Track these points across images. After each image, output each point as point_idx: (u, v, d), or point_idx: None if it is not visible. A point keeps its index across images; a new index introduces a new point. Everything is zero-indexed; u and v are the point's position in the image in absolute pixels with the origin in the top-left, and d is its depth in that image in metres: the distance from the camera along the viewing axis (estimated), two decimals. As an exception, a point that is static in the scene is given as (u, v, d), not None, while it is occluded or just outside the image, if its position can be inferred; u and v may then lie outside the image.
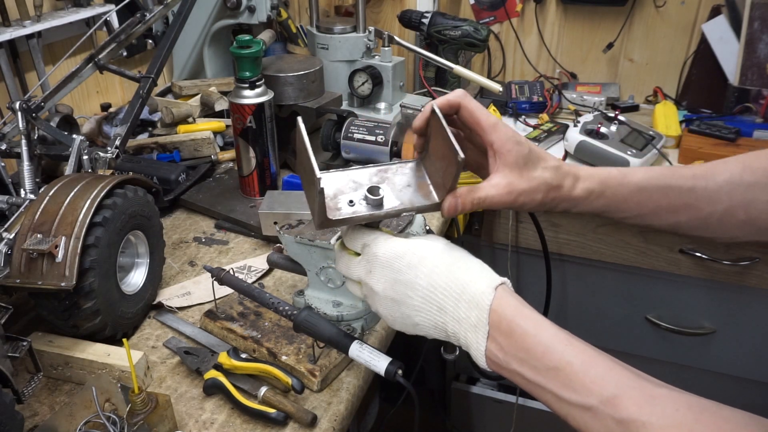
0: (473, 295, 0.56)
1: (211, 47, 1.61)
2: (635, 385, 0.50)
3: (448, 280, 0.57)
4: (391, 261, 0.60)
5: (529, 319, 0.55)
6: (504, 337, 0.55)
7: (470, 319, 0.56)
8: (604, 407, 0.49)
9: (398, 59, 1.43)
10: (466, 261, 0.60)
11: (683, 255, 1.37)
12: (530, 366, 0.53)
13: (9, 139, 0.99)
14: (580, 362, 0.52)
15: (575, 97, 1.68)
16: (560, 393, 0.52)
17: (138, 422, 0.65)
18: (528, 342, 0.54)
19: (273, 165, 1.16)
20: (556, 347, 0.53)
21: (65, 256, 0.73)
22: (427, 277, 0.58)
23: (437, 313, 0.58)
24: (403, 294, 0.59)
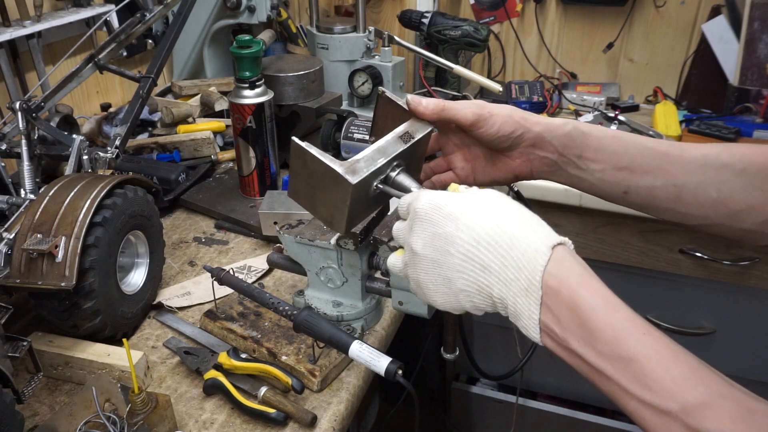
0: (524, 252, 0.48)
1: (211, 47, 1.61)
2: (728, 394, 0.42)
3: (494, 234, 0.49)
4: (429, 213, 0.53)
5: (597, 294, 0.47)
6: (564, 308, 0.47)
7: (520, 282, 0.48)
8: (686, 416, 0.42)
9: (398, 59, 1.43)
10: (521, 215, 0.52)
11: (683, 255, 1.37)
12: (595, 350, 0.45)
13: (9, 139, 0.99)
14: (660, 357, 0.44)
15: (575, 97, 1.68)
16: (631, 388, 0.44)
17: (138, 422, 0.65)
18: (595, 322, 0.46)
19: (273, 165, 1.16)
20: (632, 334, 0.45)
21: (65, 256, 0.73)
22: (469, 229, 0.50)
23: (481, 273, 0.50)
24: (444, 250, 0.52)
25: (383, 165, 0.62)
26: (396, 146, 0.64)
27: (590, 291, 0.47)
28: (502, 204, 0.53)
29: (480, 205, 0.52)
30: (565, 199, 1.37)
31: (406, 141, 0.64)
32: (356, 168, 0.60)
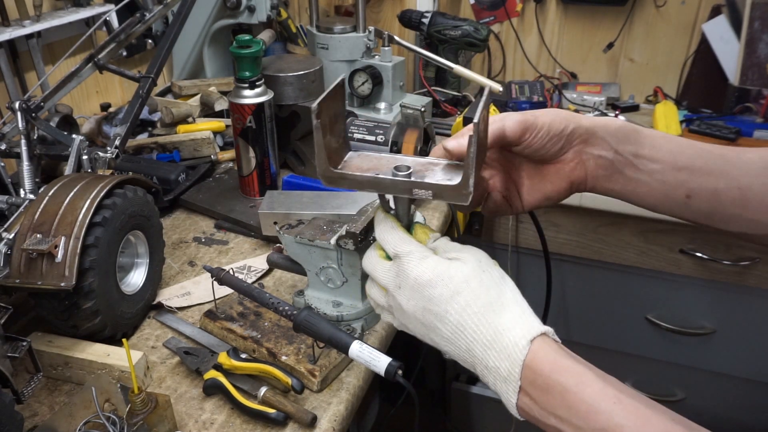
0: (505, 346, 0.51)
1: (210, 47, 1.61)
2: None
3: (479, 323, 0.52)
4: (422, 288, 0.54)
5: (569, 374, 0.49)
6: (540, 392, 0.50)
7: (500, 371, 0.51)
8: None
9: (398, 59, 1.43)
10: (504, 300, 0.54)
11: (683, 255, 1.37)
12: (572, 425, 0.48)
13: (9, 139, 0.99)
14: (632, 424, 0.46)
15: (575, 96, 1.68)
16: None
17: (138, 422, 0.65)
18: (569, 399, 0.48)
19: (273, 165, 1.16)
20: (603, 406, 0.47)
21: (65, 256, 0.73)
22: (457, 314, 0.53)
23: (466, 354, 0.53)
24: (432, 324, 0.54)
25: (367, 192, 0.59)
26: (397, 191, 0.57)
27: (562, 372, 0.49)
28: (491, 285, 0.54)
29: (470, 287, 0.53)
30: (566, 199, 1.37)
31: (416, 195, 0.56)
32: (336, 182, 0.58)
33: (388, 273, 0.57)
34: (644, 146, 0.61)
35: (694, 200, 0.62)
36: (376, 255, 0.59)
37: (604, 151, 0.62)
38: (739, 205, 0.61)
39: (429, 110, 1.53)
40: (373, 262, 0.59)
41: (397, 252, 0.56)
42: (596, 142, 0.61)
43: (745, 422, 1.53)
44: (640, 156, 0.61)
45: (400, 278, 0.56)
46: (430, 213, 1.18)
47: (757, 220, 0.61)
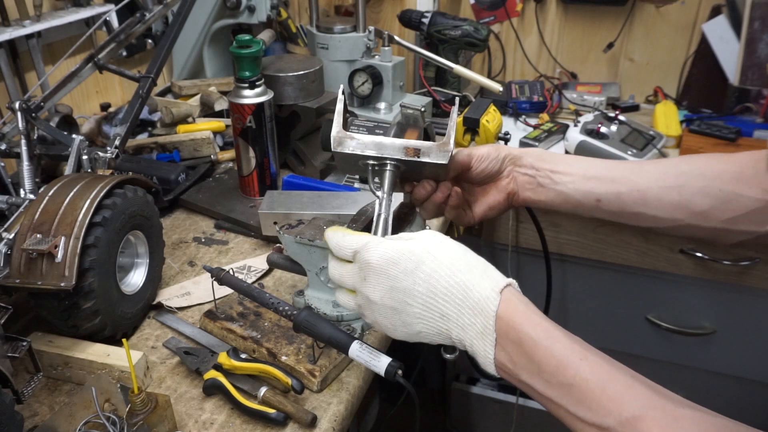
0: (477, 301, 0.54)
1: (210, 47, 1.61)
2: (657, 404, 0.47)
3: (448, 285, 0.55)
4: (385, 268, 0.57)
5: (539, 328, 0.52)
6: (513, 346, 0.52)
7: (476, 326, 0.54)
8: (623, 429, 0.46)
9: (398, 59, 1.43)
10: (467, 261, 0.57)
11: (684, 255, 1.37)
12: (542, 379, 0.51)
13: (9, 139, 0.99)
14: (597, 379, 0.49)
15: (575, 96, 1.68)
16: (574, 410, 0.49)
17: (138, 422, 0.65)
18: (539, 354, 0.51)
19: (273, 165, 1.16)
20: (571, 361, 0.50)
21: (65, 256, 0.73)
22: (425, 282, 0.55)
23: (440, 320, 0.55)
24: (402, 302, 0.57)
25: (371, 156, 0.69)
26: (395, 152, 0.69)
27: (533, 326, 0.52)
28: (450, 251, 0.57)
29: (431, 256, 0.56)
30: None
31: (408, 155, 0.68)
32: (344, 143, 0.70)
33: (352, 271, 0.61)
34: (559, 164, 0.76)
35: (603, 203, 0.75)
36: (337, 261, 0.63)
37: (529, 169, 0.77)
38: (641, 205, 0.74)
39: (429, 110, 1.53)
40: (337, 268, 0.63)
41: (355, 247, 0.60)
42: (522, 163, 0.78)
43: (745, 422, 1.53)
44: (556, 171, 0.76)
45: (364, 270, 0.59)
46: (430, 213, 1.18)
47: (657, 217, 0.74)
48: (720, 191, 0.70)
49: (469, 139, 1.22)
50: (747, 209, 0.70)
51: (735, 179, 0.70)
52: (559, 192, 0.76)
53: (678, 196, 0.72)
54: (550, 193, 0.77)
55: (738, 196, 0.70)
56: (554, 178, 0.76)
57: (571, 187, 0.75)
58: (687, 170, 0.72)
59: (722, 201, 0.70)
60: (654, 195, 0.73)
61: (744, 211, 0.70)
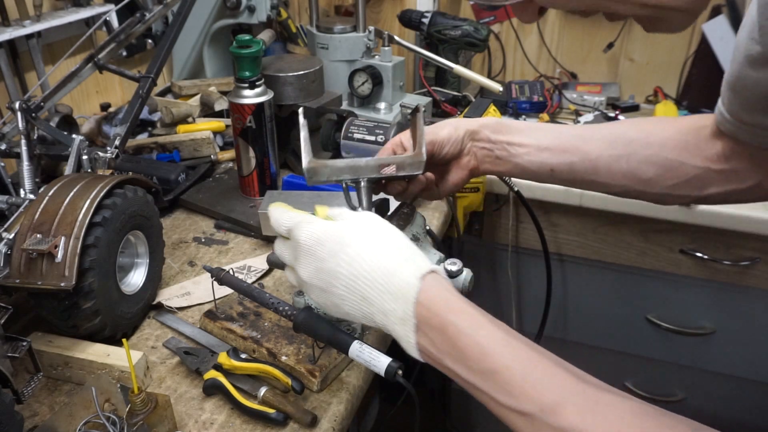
0: (398, 286, 0.54)
1: (210, 47, 1.61)
2: (578, 390, 0.47)
3: (370, 269, 0.55)
4: (312, 248, 0.58)
5: (462, 315, 0.52)
6: (436, 333, 0.53)
7: (396, 312, 0.54)
8: (544, 415, 0.47)
9: (398, 59, 1.43)
10: (392, 245, 0.57)
11: (684, 255, 1.37)
12: (465, 366, 0.51)
13: (9, 139, 0.99)
14: (519, 366, 0.49)
15: (575, 96, 1.68)
16: (498, 397, 0.50)
17: (138, 422, 0.65)
18: (462, 341, 0.51)
19: (273, 165, 1.16)
20: (494, 349, 0.50)
21: (65, 256, 0.73)
22: (348, 265, 0.56)
23: (363, 303, 0.56)
24: (328, 283, 0.58)
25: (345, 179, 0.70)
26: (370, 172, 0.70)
27: (455, 313, 0.52)
28: (378, 234, 0.58)
29: (358, 238, 0.57)
30: (565, 199, 1.37)
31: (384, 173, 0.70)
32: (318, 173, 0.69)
33: (287, 249, 0.63)
34: (514, 136, 0.78)
35: (557, 172, 0.78)
36: (280, 240, 0.64)
37: (486, 143, 0.79)
38: (592, 173, 0.76)
39: (429, 110, 1.53)
40: (278, 244, 0.65)
41: (288, 226, 0.61)
42: (479, 137, 0.79)
43: (745, 422, 1.53)
44: (512, 143, 0.78)
45: (296, 249, 0.60)
46: (430, 213, 1.18)
47: (608, 184, 0.76)
48: (665, 159, 0.73)
49: (469, 139, 1.23)
50: (689, 176, 0.73)
51: (679, 147, 0.73)
52: (515, 164, 0.78)
53: (626, 164, 0.74)
54: (508, 165, 0.79)
55: (681, 164, 0.72)
56: (510, 150, 0.78)
57: (526, 159, 0.78)
58: (634, 138, 0.75)
59: (666, 169, 0.73)
60: (604, 164, 0.75)
61: (686, 178, 0.73)
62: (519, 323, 1.62)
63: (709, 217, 1.29)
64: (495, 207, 1.49)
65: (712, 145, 0.71)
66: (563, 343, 1.58)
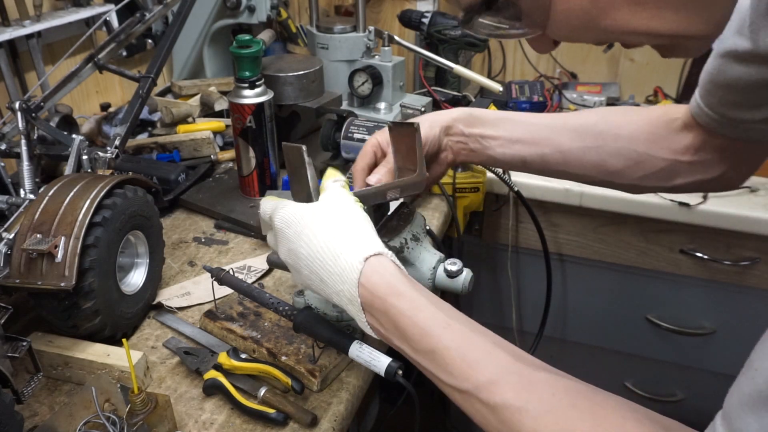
0: (343, 269, 0.56)
1: (210, 47, 1.61)
2: (513, 369, 0.49)
3: (322, 251, 0.58)
4: (283, 229, 0.61)
5: (403, 298, 0.54)
6: (380, 314, 0.55)
7: (344, 293, 0.56)
8: (479, 392, 0.49)
9: (398, 59, 1.43)
10: (345, 228, 0.59)
11: (683, 255, 1.37)
12: (410, 346, 0.54)
13: (9, 139, 0.99)
14: (457, 346, 0.51)
15: (575, 96, 1.68)
16: (439, 375, 0.52)
17: (138, 422, 0.65)
18: (404, 323, 0.54)
19: (273, 165, 1.16)
20: (433, 330, 0.53)
21: (65, 256, 0.73)
22: (306, 246, 0.59)
23: (321, 284, 0.59)
24: (296, 264, 0.60)
25: None
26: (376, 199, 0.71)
27: (397, 296, 0.54)
28: (335, 216, 0.60)
29: (316, 220, 0.60)
30: (565, 199, 1.37)
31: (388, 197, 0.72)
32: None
33: (271, 235, 0.66)
34: (487, 128, 0.79)
35: (529, 164, 0.80)
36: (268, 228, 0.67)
37: (460, 137, 0.80)
38: (563, 164, 0.78)
39: (429, 110, 1.52)
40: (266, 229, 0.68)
41: (268, 212, 0.65)
42: (453, 132, 0.80)
43: (745, 422, 1.53)
44: (484, 136, 0.79)
45: (275, 234, 0.63)
46: (430, 213, 1.18)
47: (579, 174, 0.78)
48: (634, 152, 0.74)
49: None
50: (657, 168, 0.74)
51: (648, 140, 0.74)
52: (489, 156, 0.80)
53: (596, 156, 0.76)
54: (482, 156, 0.81)
55: (650, 157, 0.74)
56: (483, 143, 0.80)
57: (499, 151, 0.79)
58: (604, 130, 0.76)
59: (635, 161, 0.75)
60: (574, 156, 0.77)
61: (654, 170, 0.74)
62: (519, 323, 1.62)
63: (709, 217, 1.29)
64: (495, 207, 1.49)
65: (682, 138, 0.73)
66: (563, 343, 1.58)
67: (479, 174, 1.26)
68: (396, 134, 0.73)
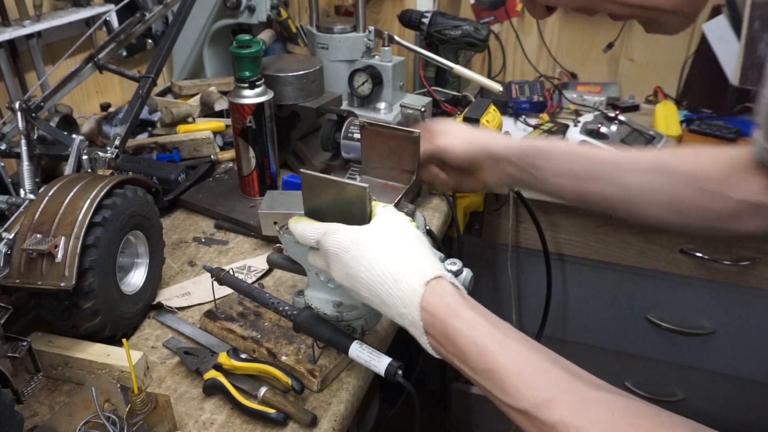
0: (405, 292, 0.57)
1: (210, 47, 1.61)
2: (570, 387, 0.49)
3: (383, 274, 0.58)
4: (340, 254, 0.61)
5: (462, 319, 0.55)
6: (440, 336, 0.55)
7: (407, 317, 0.57)
8: (537, 411, 0.48)
9: (398, 59, 1.43)
10: (405, 251, 0.60)
11: (684, 255, 1.37)
12: (468, 366, 0.54)
13: (9, 139, 0.99)
14: (514, 364, 0.51)
15: (575, 96, 1.68)
16: (497, 394, 0.52)
17: (138, 422, 0.65)
18: (462, 343, 0.54)
19: (273, 165, 1.16)
20: (490, 348, 0.53)
21: (65, 256, 0.73)
22: (367, 270, 0.59)
23: (383, 306, 0.59)
24: (356, 287, 0.61)
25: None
26: None
27: (455, 317, 0.55)
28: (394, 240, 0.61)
29: (375, 244, 0.60)
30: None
31: None
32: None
33: (319, 258, 0.66)
34: (544, 163, 0.76)
35: (589, 202, 0.76)
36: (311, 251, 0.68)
37: (511, 169, 0.77)
38: (628, 203, 0.74)
39: (429, 110, 1.52)
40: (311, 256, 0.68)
41: (316, 237, 0.64)
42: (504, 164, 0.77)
43: (745, 422, 1.53)
44: (540, 168, 0.76)
45: (327, 257, 0.64)
46: (430, 213, 1.18)
47: (645, 215, 0.74)
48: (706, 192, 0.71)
49: (469, 139, 1.23)
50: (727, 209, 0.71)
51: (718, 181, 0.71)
52: (543, 188, 0.77)
53: (664, 196, 0.73)
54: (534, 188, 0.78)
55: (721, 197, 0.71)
56: (538, 175, 0.77)
57: (557, 185, 0.76)
58: (672, 168, 0.73)
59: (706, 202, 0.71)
60: (643, 194, 0.74)
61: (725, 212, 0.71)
62: (519, 323, 1.62)
63: (709, 217, 1.29)
64: (495, 207, 1.49)
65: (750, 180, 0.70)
66: (563, 343, 1.58)
67: (479, 174, 1.26)
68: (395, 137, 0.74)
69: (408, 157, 0.73)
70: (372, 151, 0.76)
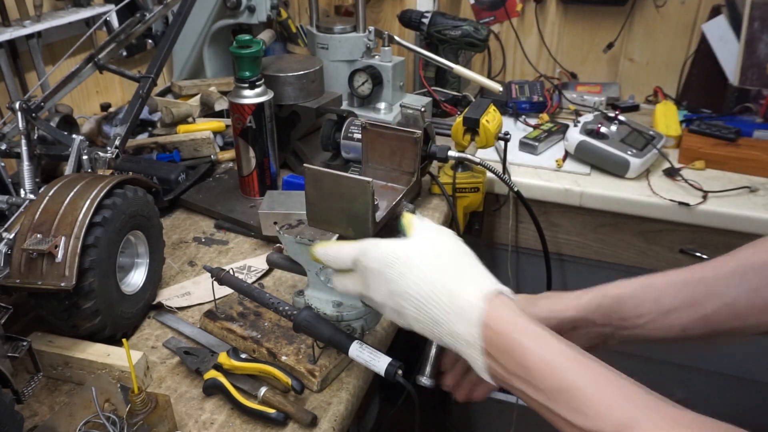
0: (462, 308, 0.53)
1: (210, 47, 1.61)
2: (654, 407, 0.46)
3: (435, 290, 0.54)
4: (383, 270, 0.57)
5: (529, 334, 0.51)
6: (502, 354, 0.51)
7: (463, 335, 0.53)
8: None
9: (398, 59, 1.43)
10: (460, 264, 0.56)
11: (683, 255, 1.37)
12: (534, 387, 0.50)
13: (9, 139, 0.99)
14: (590, 383, 0.47)
15: (575, 96, 1.68)
16: (569, 417, 0.47)
17: (138, 422, 0.65)
18: (529, 360, 0.49)
19: (273, 165, 1.16)
20: (562, 365, 0.48)
21: (65, 256, 0.73)
22: (416, 286, 0.55)
23: (432, 325, 0.55)
24: (400, 305, 0.57)
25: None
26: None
27: (522, 333, 0.51)
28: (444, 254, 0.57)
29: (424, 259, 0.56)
30: (565, 199, 1.37)
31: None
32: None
33: (355, 280, 0.61)
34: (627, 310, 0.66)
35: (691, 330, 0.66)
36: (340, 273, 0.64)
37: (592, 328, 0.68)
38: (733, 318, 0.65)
39: (429, 110, 1.53)
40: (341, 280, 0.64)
41: (354, 255, 0.60)
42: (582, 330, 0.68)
43: (745, 422, 1.53)
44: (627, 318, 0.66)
45: (366, 276, 0.59)
46: (431, 213, 1.18)
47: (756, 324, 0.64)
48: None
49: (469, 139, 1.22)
50: None
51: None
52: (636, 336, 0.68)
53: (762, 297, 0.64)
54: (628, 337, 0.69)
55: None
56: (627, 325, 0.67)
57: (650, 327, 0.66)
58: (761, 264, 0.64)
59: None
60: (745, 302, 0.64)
61: None
62: (519, 323, 1.61)
63: (709, 217, 1.29)
64: (495, 207, 1.49)
65: None
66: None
67: (479, 174, 1.26)
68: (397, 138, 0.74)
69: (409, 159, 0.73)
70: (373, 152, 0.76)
